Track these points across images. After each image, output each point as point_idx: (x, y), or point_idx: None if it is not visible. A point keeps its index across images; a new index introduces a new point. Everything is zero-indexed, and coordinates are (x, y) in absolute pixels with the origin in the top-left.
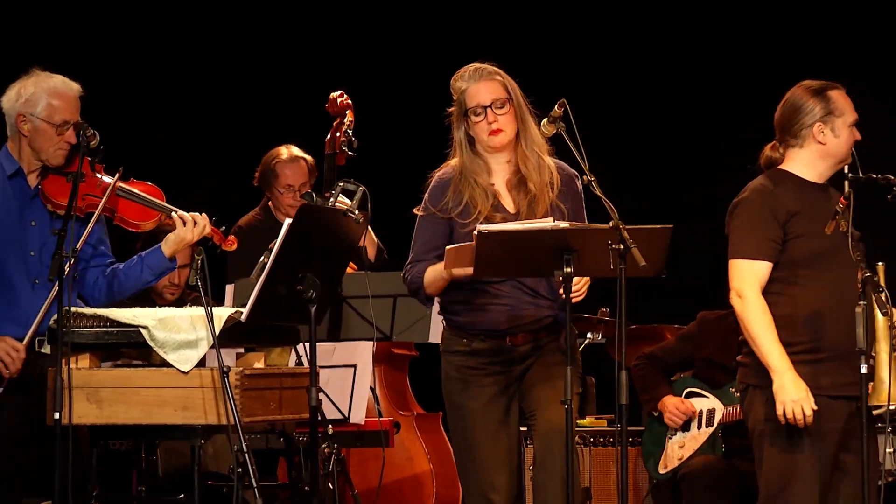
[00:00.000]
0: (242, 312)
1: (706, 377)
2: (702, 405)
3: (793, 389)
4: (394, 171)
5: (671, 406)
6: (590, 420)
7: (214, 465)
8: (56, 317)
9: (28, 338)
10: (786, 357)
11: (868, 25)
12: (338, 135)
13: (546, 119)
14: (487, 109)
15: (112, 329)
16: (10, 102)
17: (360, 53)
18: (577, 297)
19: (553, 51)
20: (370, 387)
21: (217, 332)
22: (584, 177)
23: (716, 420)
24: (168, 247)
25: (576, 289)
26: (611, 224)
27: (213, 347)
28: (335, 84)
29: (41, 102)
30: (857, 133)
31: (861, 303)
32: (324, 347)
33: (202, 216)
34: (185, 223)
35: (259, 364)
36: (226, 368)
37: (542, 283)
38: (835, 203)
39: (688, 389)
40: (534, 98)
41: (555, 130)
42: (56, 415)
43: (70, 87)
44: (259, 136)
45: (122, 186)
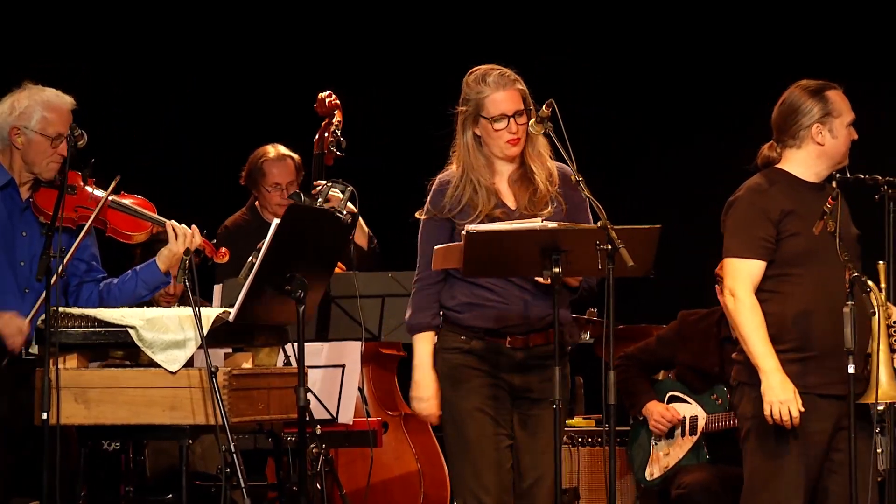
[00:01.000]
0: (230, 312)
1: (687, 380)
2: (685, 411)
3: (780, 390)
4: (385, 172)
5: (656, 414)
6: (578, 420)
7: (202, 466)
8: (44, 317)
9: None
10: (774, 357)
11: (863, 25)
12: (326, 135)
13: (534, 119)
14: (511, 119)
15: (100, 329)
16: (3, 116)
17: (353, 53)
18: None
19: (553, 51)
20: (358, 387)
21: (205, 333)
22: (573, 176)
23: (699, 428)
24: (162, 261)
25: None
26: (599, 224)
27: (201, 347)
28: (325, 84)
29: (35, 115)
30: (855, 133)
31: (849, 303)
32: (312, 347)
33: (193, 228)
34: (178, 236)
35: (247, 364)
36: (214, 368)
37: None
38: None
39: (670, 394)
40: (533, 98)
41: (542, 130)
42: (44, 415)
43: (63, 101)
44: (246, 137)
45: (114, 199)
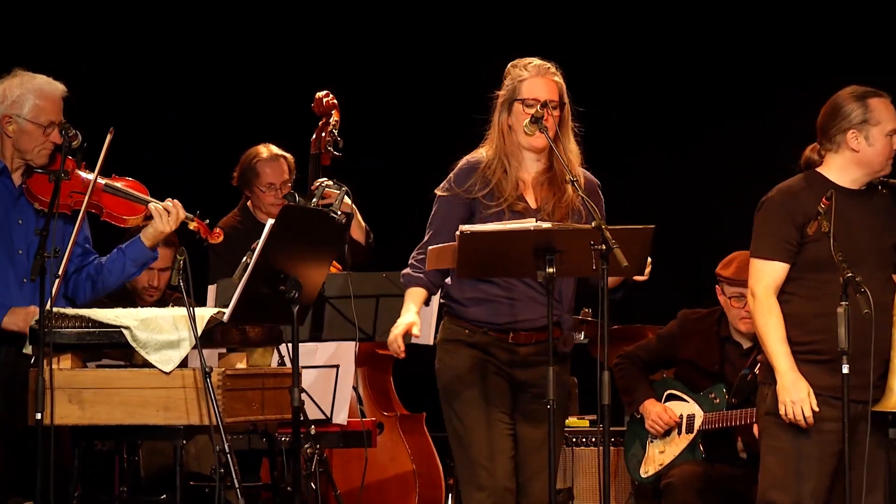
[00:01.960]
0: (225, 313)
1: (686, 379)
2: (682, 410)
3: (794, 390)
4: (382, 172)
5: (654, 414)
6: (573, 420)
7: (197, 466)
8: (38, 317)
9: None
10: (789, 357)
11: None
12: (323, 135)
13: (528, 119)
14: (544, 107)
15: (94, 329)
16: None
17: (350, 53)
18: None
19: (553, 51)
20: (353, 387)
21: (199, 333)
22: (567, 177)
23: (695, 426)
24: (147, 238)
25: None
26: (593, 224)
27: (196, 348)
28: (323, 84)
29: (27, 103)
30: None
31: (843, 304)
32: (306, 348)
33: (175, 203)
34: (161, 215)
35: (241, 364)
36: (208, 369)
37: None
38: (875, 207)
39: (668, 392)
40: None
41: (537, 130)
42: (38, 415)
43: (55, 88)
44: (243, 136)
45: (108, 182)
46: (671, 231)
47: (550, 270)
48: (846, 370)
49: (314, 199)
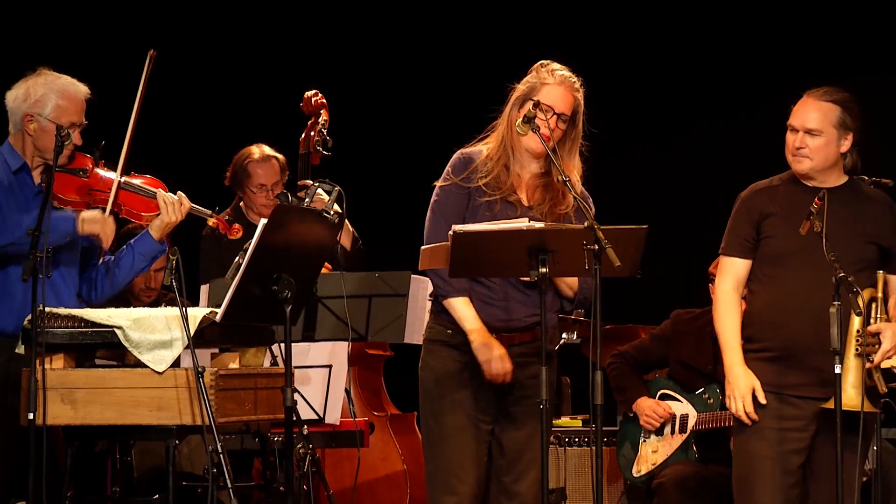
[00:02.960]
0: (217, 313)
1: (680, 379)
2: (675, 409)
3: (735, 385)
4: (372, 171)
5: (647, 409)
6: (565, 420)
7: (189, 466)
8: (30, 317)
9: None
10: (737, 352)
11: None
12: (312, 134)
13: (521, 119)
14: (555, 115)
15: (86, 329)
16: (18, 102)
17: (339, 52)
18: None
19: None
20: (345, 387)
21: (192, 333)
22: (559, 177)
23: (689, 426)
24: (155, 230)
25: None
26: (586, 224)
27: (188, 348)
28: (312, 83)
29: (50, 104)
30: (792, 139)
31: (835, 303)
32: (299, 348)
33: (179, 195)
34: (168, 204)
35: (234, 364)
36: (200, 369)
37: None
38: (848, 206)
39: (661, 391)
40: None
41: (529, 130)
42: (30, 415)
43: (78, 89)
44: (232, 136)
45: (126, 180)
46: (664, 231)
47: (543, 270)
48: (839, 370)
49: (306, 200)
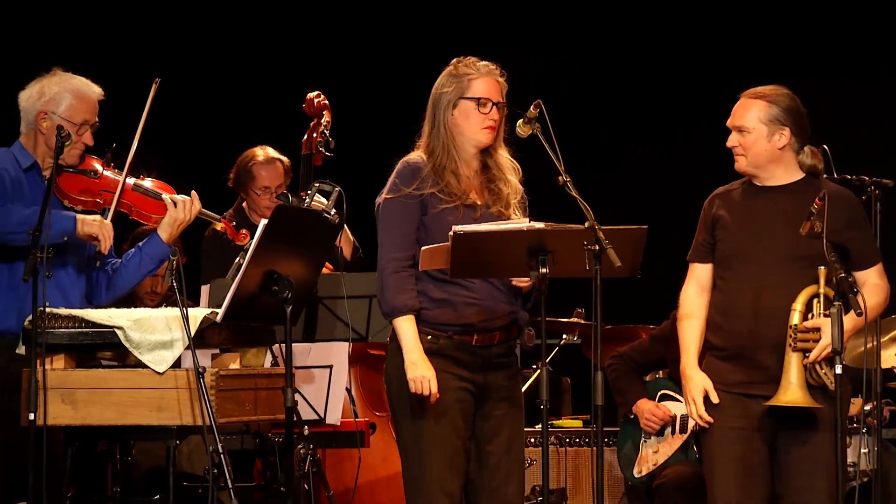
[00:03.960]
0: (218, 313)
1: (679, 380)
2: (675, 410)
3: (687, 386)
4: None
5: (647, 412)
6: (566, 420)
7: (189, 466)
8: (31, 317)
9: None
10: (690, 355)
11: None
12: (314, 135)
13: (521, 119)
14: (494, 106)
15: (87, 330)
16: (32, 100)
17: (342, 53)
18: None
19: (548, 50)
20: (346, 387)
21: (192, 333)
22: (560, 177)
23: (689, 427)
24: (164, 231)
25: None
26: (586, 225)
27: (189, 348)
28: (314, 84)
29: (64, 102)
30: (729, 140)
31: (836, 303)
32: (299, 348)
33: (192, 194)
34: (177, 205)
35: (234, 365)
36: (201, 369)
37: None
38: (794, 204)
39: (661, 392)
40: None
41: (530, 131)
42: (30, 416)
43: (92, 90)
44: (235, 137)
45: (136, 181)
46: (665, 231)
47: (543, 270)
48: (839, 370)
49: (307, 200)
